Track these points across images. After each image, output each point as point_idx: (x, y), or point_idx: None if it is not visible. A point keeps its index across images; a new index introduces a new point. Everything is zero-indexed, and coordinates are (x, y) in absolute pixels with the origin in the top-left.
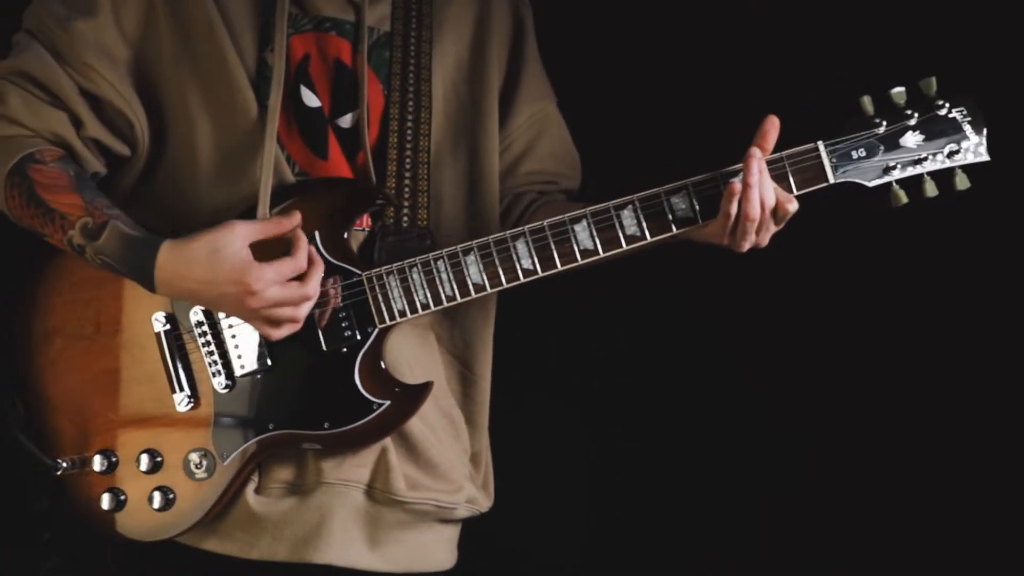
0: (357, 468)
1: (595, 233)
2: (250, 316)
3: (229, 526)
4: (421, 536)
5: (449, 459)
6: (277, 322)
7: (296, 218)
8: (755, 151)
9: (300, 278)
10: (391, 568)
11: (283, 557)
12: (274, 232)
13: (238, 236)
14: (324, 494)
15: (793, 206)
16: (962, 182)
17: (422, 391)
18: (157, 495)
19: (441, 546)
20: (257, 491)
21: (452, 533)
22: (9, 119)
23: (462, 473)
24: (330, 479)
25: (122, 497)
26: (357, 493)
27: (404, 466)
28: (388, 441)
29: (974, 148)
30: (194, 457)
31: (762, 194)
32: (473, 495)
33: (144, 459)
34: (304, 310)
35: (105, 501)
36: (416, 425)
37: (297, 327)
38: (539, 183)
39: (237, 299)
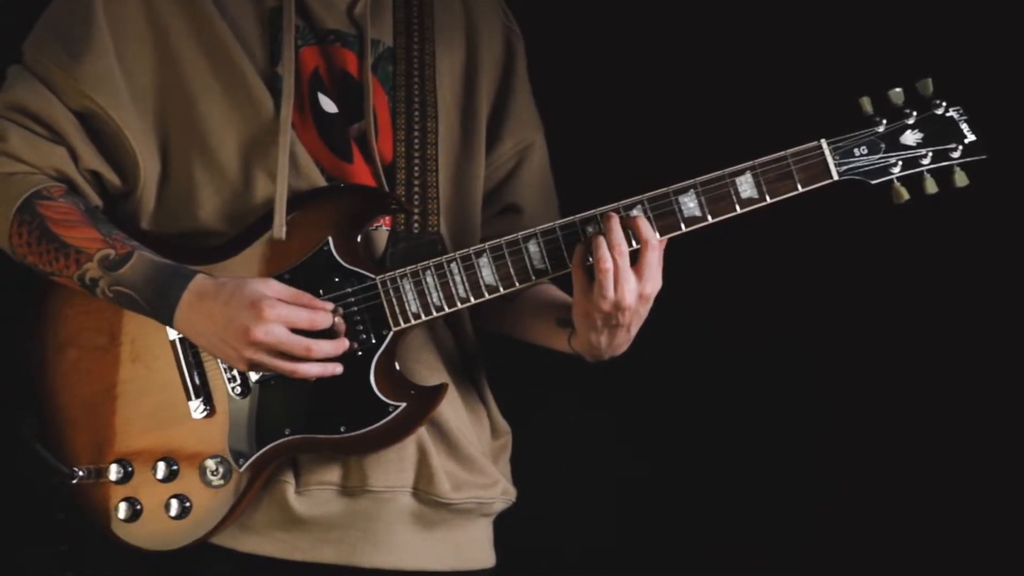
0: (400, 472)
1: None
2: (241, 349)
3: (267, 527)
4: (465, 534)
5: (483, 453)
6: (259, 367)
7: (328, 305)
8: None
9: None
10: (438, 567)
11: (329, 559)
12: (306, 303)
13: (270, 284)
14: (371, 500)
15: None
16: (961, 179)
17: (437, 392)
18: (174, 503)
19: (483, 544)
20: (298, 492)
21: (490, 529)
22: (11, 156)
23: (495, 466)
24: (376, 487)
25: (138, 506)
26: (403, 496)
27: (445, 464)
28: (427, 440)
29: (971, 146)
30: (210, 464)
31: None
32: (506, 487)
33: (160, 467)
34: (300, 368)
35: (122, 511)
36: (452, 421)
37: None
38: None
39: (241, 328)
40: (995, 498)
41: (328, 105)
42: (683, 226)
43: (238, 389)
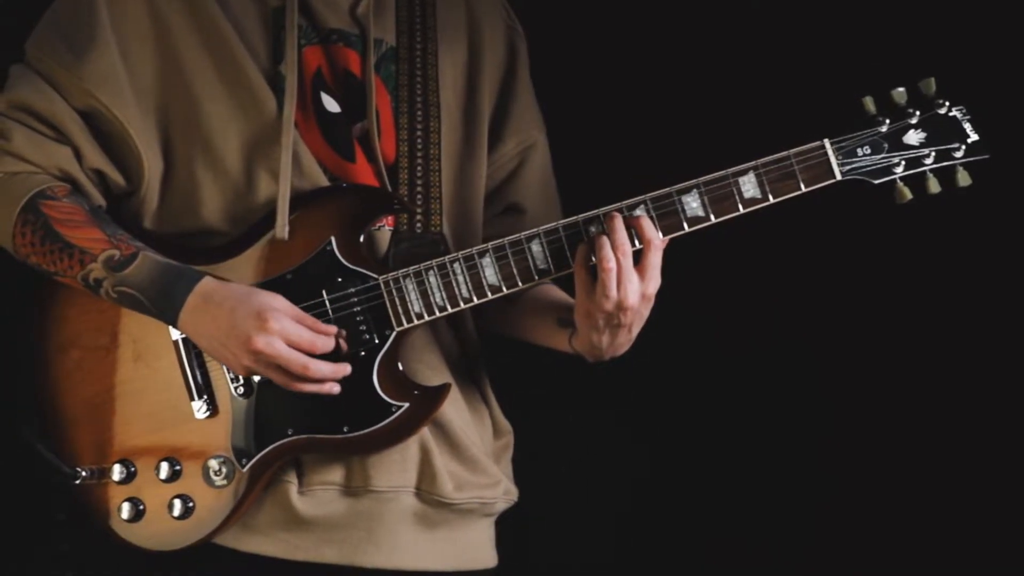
0: (403, 473)
1: None
2: (241, 356)
3: (270, 527)
4: (467, 534)
5: (485, 453)
6: (257, 375)
7: (332, 329)
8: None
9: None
10: (440, 567)
11: (331, 560)
12: (310, 325)
13: (278, 298)
14: (374, 500)
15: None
16: (964, 179)
17: (440, 393)
18: (177, 503)
19: (485, 544)
20: (301, 492)
21: (492, 529)
22: (14, 156)
23: (497, 466)
24: (379, 487)
25: (141, 507)
26: (406, 496)
27: (448, 464)
28: (430, 440)
29: (974, 146)
30: (213, 464)
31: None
32: (508, 487)
33: (163, 467)
34: (296, 383)
35: (125, 511)
36: (455, 421)
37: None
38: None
39: (244, 335)
40: (995, 498)
41: (331, 105)
42: (686, 226)
43: (241, 389)
